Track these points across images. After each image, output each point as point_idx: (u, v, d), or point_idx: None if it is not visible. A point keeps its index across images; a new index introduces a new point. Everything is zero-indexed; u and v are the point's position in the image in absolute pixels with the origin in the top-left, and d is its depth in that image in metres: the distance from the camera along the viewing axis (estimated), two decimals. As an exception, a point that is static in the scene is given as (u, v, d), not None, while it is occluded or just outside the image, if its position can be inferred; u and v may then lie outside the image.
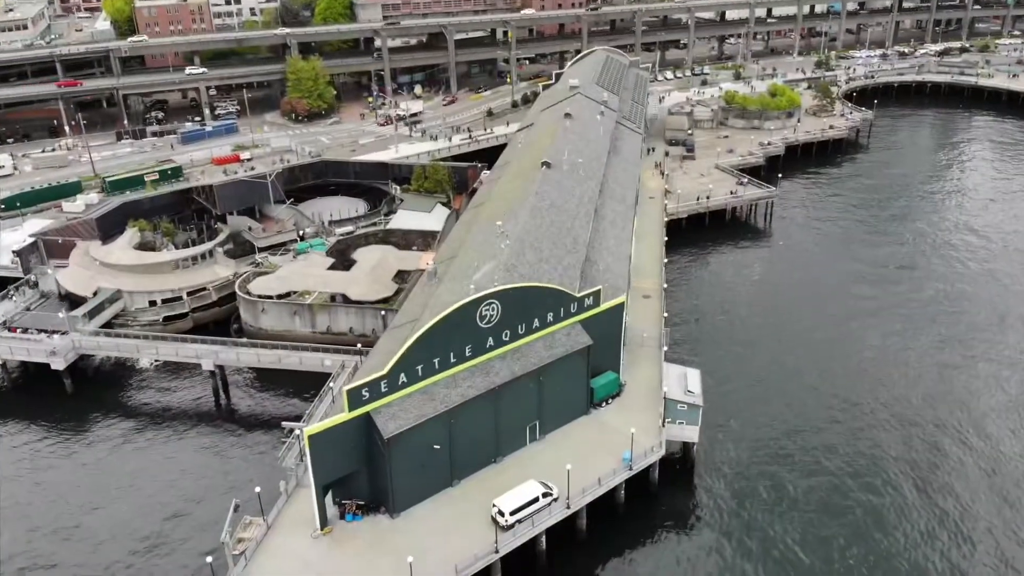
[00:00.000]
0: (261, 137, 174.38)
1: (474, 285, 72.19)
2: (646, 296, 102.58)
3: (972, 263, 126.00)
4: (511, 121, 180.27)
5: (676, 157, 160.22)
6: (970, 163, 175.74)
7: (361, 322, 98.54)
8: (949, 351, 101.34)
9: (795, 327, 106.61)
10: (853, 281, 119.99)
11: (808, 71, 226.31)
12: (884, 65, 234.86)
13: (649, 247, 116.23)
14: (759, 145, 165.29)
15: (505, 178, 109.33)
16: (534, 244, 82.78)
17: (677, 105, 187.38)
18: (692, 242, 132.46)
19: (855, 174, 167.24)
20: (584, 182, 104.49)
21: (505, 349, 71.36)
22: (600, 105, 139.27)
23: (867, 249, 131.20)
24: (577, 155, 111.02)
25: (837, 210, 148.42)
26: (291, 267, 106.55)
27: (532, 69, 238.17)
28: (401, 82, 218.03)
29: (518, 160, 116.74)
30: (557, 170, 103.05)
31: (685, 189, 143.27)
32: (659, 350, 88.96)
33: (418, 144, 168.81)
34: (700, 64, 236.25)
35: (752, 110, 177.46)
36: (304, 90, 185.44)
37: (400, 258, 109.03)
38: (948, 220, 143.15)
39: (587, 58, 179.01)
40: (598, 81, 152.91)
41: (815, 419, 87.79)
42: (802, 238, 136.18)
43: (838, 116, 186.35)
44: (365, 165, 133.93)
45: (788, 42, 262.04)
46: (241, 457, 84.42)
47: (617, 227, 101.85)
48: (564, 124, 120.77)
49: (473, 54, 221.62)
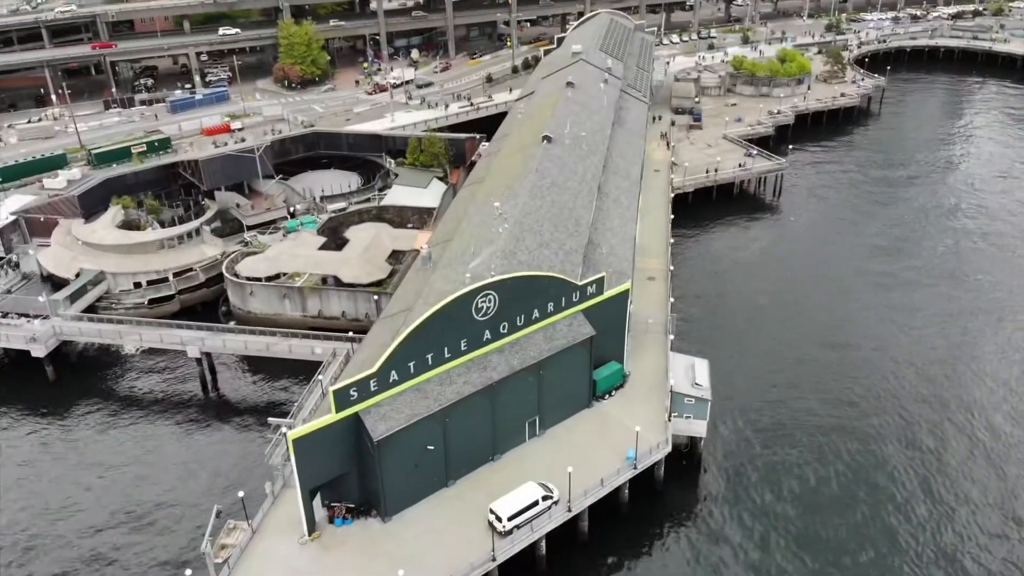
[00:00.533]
0: (253, 105, 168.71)
1: (470, 274, 67.87)
2: (651, 278, 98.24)
3: (988, 240, 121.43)
4: (513, 87, 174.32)
5: (682, 126, 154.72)
6: (985, 133, 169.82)
7: (354, 306, 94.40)
8: (976, 338, 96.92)
9: (808, 310, 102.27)
10: (867, 259, 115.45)
11: (818, 35, 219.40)
12: (896, 29, 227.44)
13: (654, 224, 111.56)
14: (768, 114, 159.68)
15: (504, 153, 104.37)
16: (534, 227, 78.23)
17: (684, 71, 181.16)
18: (699, 217, 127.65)
19: (867, 144, 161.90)
20: (587, 157, 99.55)
21: (503, 342, 67.28)
22: (604, 72, 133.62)
23: (880, 225, 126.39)
24: (579, 128, 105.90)
25: (849, 183, 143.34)
26: (280, 247, 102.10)
27: (533, 32, 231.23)
28: (398, 46, 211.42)
29: (518, 132, 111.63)
30: (558, 144, 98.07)
31: (692, 161, 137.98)
32: (665, 337, 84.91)
33: (415, 113, 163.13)
34: (707, 27, 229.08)
35: (761, 77, 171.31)
36: (297, 56, 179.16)
37: (394, 237, 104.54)
38: (964, 195, 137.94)
39: (590, 22, 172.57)
40: (602, 47, 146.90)
41: (830, 411, 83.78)
42: (813, 213, 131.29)
43: (849, 83, 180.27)
44: (359, 137, 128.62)
45: (797, 4, 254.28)
46: (228, 451, 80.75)
47: (621, 205, 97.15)
48: (566, 94, 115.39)
49: (472, 16, 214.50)
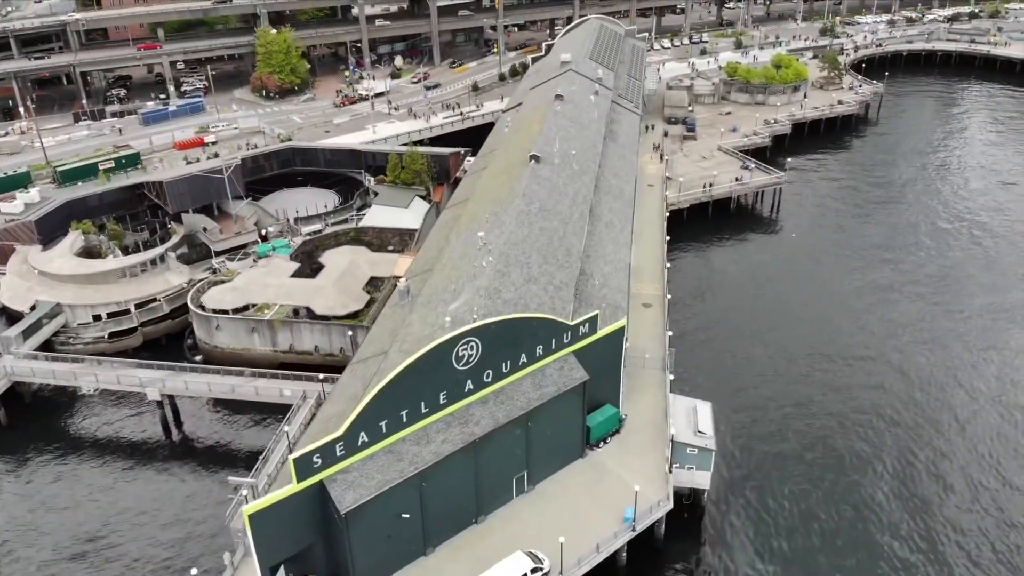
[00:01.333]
0: (229, 117, 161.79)
1: (450, 317, 61.39)
2: (646, 305, 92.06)
3: (996, 253, 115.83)
4: (500, 95, 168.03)
5: (676, 137, 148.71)
6: (987, 140, 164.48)
7: (327, 340, 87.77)
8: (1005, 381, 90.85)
9: (814, 339, 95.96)
10: (875, 283, 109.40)
11: (812, 39, 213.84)
12: (892, 32, 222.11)
13: (649, 245, 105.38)
14: (764, 123, 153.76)
15: (489, 173, 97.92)
16: (521, 259, 71.80)
17: (676, 78, 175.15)
18: (695, 235, 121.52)
19: (866, 154, 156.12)
20: (577, 177, 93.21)
21: (486, 391, 60.82)
22: (594, 83, 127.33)
23: (884, 240, 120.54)
24: (569, 144, 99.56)
25: (849, 195, 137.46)
26: (250, 275, 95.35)
27: (521, 37, 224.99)
28: (381, 53, 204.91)
29: (504, 149, 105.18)
30: (547, 164, 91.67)
31: (687, 175, 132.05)
32: (663, 373, 78.76)
33: (398, 124, 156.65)
34: (698, 31, 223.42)
35: (756, 84, 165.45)
36: (275, 64, 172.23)
37: (372, 262, 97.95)
38: (969, 208, 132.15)
39: (579, 28, 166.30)
40: (591, 55, 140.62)
41: (841, 456, 77.62)
42: (814, 230, 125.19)
43: (847, 89, 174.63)
44: (336, 152, 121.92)
45: (791, 6, 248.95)
46: (190, 503, 74.03)
47: (615, 229, 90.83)
48: (554, 107, 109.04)
49: (458, 22, 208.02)
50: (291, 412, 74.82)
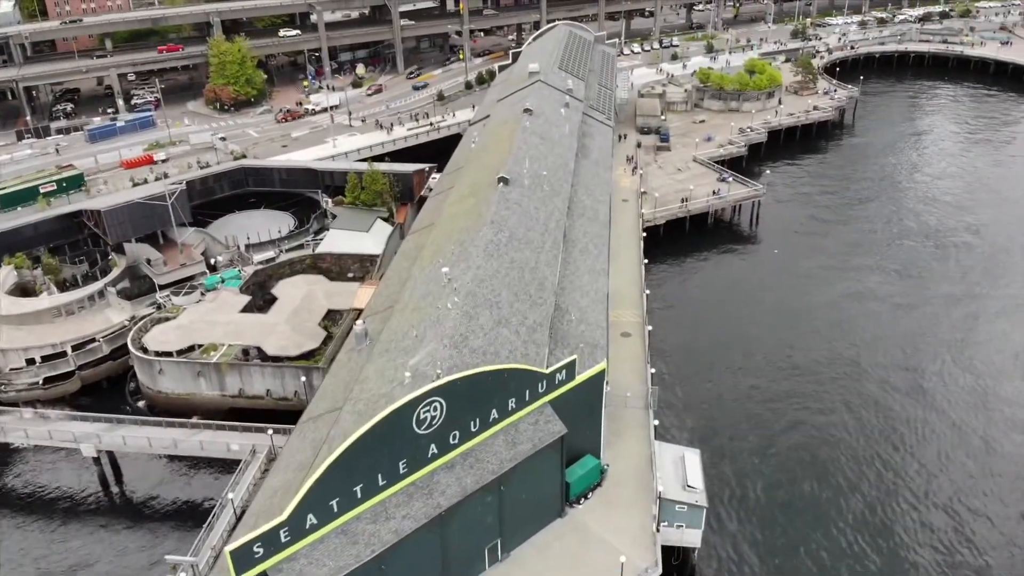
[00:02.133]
0: (180, 132, 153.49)
1: (410, 373, 54.74)
2: (625, 334, 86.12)
3: (984, 260, 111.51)
4: (464, 105, 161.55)
5: (649, 147, 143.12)
6: (964, 144, 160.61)
7: (280, 383, 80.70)
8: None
9: (807, 369, 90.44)
10: (863, 300, 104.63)
11: (785, 41, 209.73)
12: (864, 34, 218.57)
13: (626, 266, 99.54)
14: (739, 132, 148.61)
15: (455, 195, 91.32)
16: (490, 298, 65.32)
17: (648, 85, 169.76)
18: (673, 253, 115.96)
19: (844, 162, 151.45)
20: (549, 200, 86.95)
21: (453, 455, 54.32)
22: (564, 95, 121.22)
23: (871, 258, 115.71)
24: (540, 164, 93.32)
25: (830, 207, 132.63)
26: (196, 311, 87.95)
27: (487, 42, 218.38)
28: (342, 61, 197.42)
29: (471, 168, 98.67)
30: (516, 186, 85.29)
31: (662, 188, 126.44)
32: (646, 412, 72.78)
33: (360, 136, 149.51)
34: (668, 35, 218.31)
35: (729, 91, 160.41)
36: (229, 76, 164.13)
37: (330, 293, 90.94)
38: (953, 214, 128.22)
39: (547, 35, 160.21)
40: (561, 64, 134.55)
41: (846, 501, 72.17)
42: (797, 245, 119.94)
43: (821, 94, 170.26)
44: (292, 171, 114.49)
45: (761, 8, 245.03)
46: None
47: (591, 255, 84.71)
48: (523, 123, 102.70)
49: (421, 28, 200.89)
50: (239, 471, 67.76)
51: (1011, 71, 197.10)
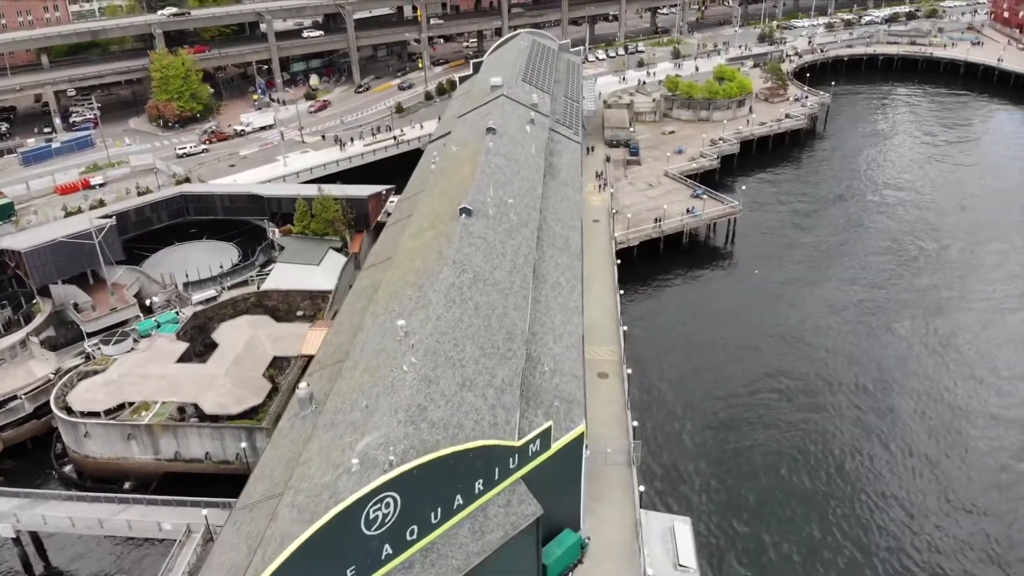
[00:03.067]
0: (121, 152, 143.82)
1: (358, 459, 46.88)
2: (602, 375, 79.27)
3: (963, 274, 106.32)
4: (424, 119, 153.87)
5: (619, 162, 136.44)
6: (936, 147, 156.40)
7: (220, 445, 72.28)
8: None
9: (798, 408, 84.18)
10: (847, 319, 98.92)
11: (752, 45, 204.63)
12: (835, 36, 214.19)
13: (599, 295, 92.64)
14: (711, 143, 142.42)
15: (414, 227, 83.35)
16: (452, 355, 57.67)
17: (615, 95, 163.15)
18: (647, 277, 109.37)
19: (818, 172, 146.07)
20: (516, 231, 79.48)
21: (410, 552, 46.67)
22: (529, 110, 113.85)
23: (855, 274, 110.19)
24: (505, 190, 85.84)
25: (806, 221, 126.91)
26: (128, 362, 79.15)
27: (447, 50, 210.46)
28: (295, 71, 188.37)
29: (431, 195, 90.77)
30: (480, 217, 77.69)
31: (633, 206, 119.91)
32: (629, 470, 65.91)
33: (312, 154, 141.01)
34: (633, 40, 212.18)
35: (699, 100, 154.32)
36: (172, 90, 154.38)
37: (276, 338, 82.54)
38: (930, 223, 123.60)
39: (509, 44, 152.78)
40: (524, 76, 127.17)
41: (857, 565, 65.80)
42: (777, 264, 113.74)
43: (792, 101, 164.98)
44: (236, 198, 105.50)
45: (726, 11, 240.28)
46: None
47: (563, 291, 77.41)
48: (486, 143, 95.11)
49: (377, 37, 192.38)
50: (171, 555, 59.40)
51: (981, 72, 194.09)
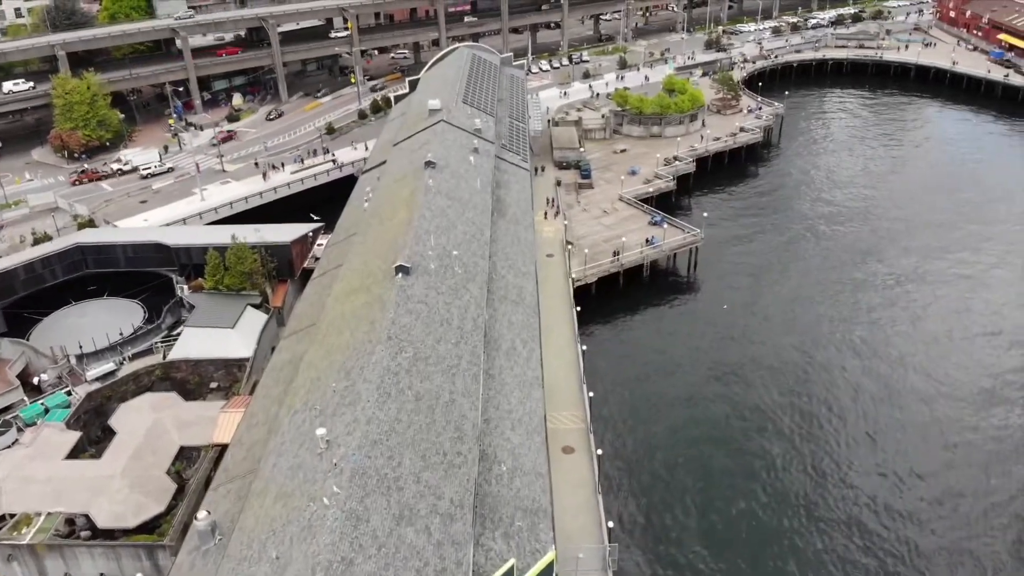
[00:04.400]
0: (19, 191, 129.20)
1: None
2: (567, 449, 69.48)
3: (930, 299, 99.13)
4: (358, 139, 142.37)
5: (570, 185, 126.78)
6: (895, 158, 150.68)
7: (117, 567, 59.91)
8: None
9: (796, 486, 75.36)
10: (840, 363, 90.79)
11: (699, 52, 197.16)
12: (787, 41, 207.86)
13: (558, 347, 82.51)
14: (665, 163, 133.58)
15: (343, 287, 71.93)
16: (386, 473, 46.73)
17: (562, 110, 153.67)
18: (607, 317, 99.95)
19: (778, 189, 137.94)
20: (463, 288, 68.90)
21: None
22: (472, 136, 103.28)
23: (829, 302, 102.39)
24: (448, 237, 75.18)
25: (771, 243, 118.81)
26: (7, 461, 66.18)
27: (382, 62, 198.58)
28: (217, 91, 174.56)
29: (363, 244, 79.50)
30: (420, 274, 66.91)
31: (589, 237, 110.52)
32: None
33: (234, 185, 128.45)
34: (577, 49, 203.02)
35: (650, 115, 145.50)
36: (77, 118, 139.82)
37: (183, 423, 70.20)
38: (891, 242, 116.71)
39: (448, 60, 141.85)
40: (465, 97, 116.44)
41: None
42: (745, 296, 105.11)
43: (745, 112, 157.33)
44: (140, 248, 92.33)
45: (670, 16, 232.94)
46: None
47: (519, 358, 67.08)
48: (425, 180, 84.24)
49: (306, 50, 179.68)
50: None
51: (932, 75, 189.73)
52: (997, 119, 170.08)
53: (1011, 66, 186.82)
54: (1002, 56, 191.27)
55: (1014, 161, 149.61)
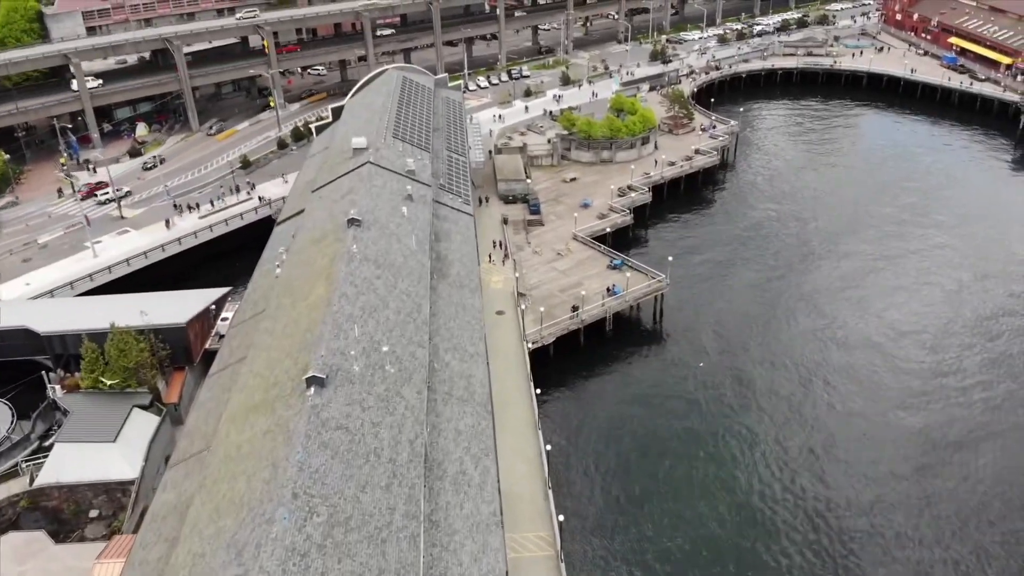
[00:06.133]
0: None
1: None
2: (533, 555, 55.97)
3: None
4: (276, 174, 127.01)
5: (518, 222, 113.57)
6: (854, 174, 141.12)
7: None
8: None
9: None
10: (829, 436, 79.11)
11: (644, 63, 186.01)
12: (728, 49, 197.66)
13: (517, 447, 69.16)
14: (619, 193, 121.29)
15: (241, 401, 57.25)
16: None
17: (504, 136, 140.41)
18: (569, 384, 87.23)
19: (739, 218, 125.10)
20: (396, 395, 55.02)
21: None
22: (404, 179, 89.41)
23: (797, 342, 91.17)
24: (377, 323, 61.21)
25: (741, 279, 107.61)
26: None
27: (306, 82, 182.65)
28: (120, 121, 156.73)
29: (270, 339, 64.71)
30: (339, 386, 52.81)
31: (544, 286, 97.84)
32: None
33: (134, 236, 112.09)
34: (516, 63, 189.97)
35: (600, 139, 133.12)
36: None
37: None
38: (862, 274, 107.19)
39: (375, 85, 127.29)
40: (396, 130, 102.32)
41: None
42: (721, 350, 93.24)
43: (699, 131, 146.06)
44: (7, 334, 75.87)
45: (610, 24, 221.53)
46: None
47: (471, 489, 53.43)
48: (349, 245, 69.94)
49: (218, 73, 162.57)
50: None
51: (886, 83, 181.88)
52: (960, 129, 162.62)
53: (965, 71, 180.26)
54: (955, 61, 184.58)
55: (987, 180, 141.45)
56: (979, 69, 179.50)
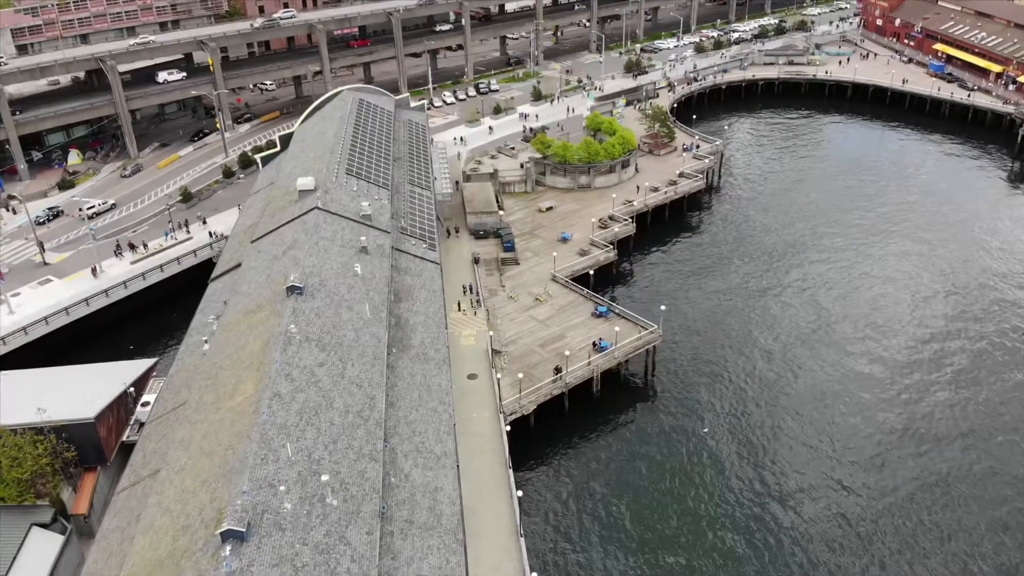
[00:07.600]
0: None
1: None
2: None
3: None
4: (220, 208, 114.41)
5: (490, 262, 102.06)
6: (853, 198, 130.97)
7: None
8: None
9: None
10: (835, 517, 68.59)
11: (618, 74, 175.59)
12: (706, 60, 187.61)
13: (494, 548, 57.65)
14: (600, 224, 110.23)
15: (140, 556, 45.19)
16: None
17: (473, 159, 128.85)
18: (551, 461, 76.00)
19: (732, 252, 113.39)
20: (340, 538, 43.31)
21: None
22: (358, 226, 77.55)
23: (794, 402, 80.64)
24: (317, 433, 49.41)
25: (739, 324, 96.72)
26: None
27: (259, 99, 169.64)
28: (50, 148, 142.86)
29: (186, 451, 52.58)
30: (265, 535, 40.98)
31: (521, 340, 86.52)
32: None
33: (57, 286, 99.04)
34: (485, 76, 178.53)
35: (576, 163, 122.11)
36: None
37: None
38: (865, 316, 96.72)
39: (328, 110, 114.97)
40: (349, 165, 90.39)
41: None
42: (723, 412, 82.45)
43: (681, 150, 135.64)
44: None
45: (581, 32, 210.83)
46: None
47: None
48: (286, 323, 58.01)
49: (159, 93, 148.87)
50: None
51: (872, 93, 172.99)
52: (953, 142, 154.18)
53: (954, 80, 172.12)
54: (943, 69, 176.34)
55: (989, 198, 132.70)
56: (968, 77, 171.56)
